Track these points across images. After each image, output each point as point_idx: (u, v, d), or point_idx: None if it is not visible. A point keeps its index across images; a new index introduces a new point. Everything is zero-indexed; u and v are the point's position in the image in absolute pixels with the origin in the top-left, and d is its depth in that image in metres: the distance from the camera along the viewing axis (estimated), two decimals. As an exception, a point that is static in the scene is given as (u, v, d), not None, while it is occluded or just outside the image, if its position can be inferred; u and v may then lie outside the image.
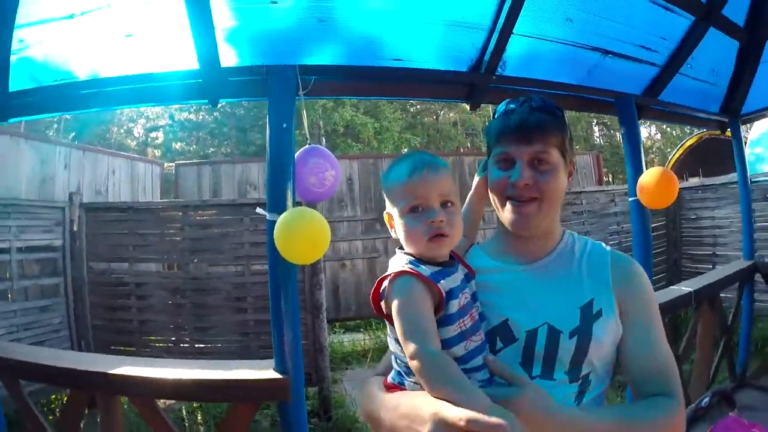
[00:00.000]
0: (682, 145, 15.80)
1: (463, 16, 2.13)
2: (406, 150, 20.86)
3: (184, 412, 4.49)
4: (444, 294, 0.95)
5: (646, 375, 1.06)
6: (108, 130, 19.89)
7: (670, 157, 16.70)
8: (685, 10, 2.60)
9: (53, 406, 4.39)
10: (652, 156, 25.94)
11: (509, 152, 1.09)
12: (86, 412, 2.39)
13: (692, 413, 2.19)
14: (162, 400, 3.12)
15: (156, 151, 20.97)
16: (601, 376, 1.09)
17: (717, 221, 7.10)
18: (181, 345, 4.99)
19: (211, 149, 20.11)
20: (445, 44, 2.22)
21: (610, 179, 22.74)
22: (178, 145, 20.54)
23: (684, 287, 3.35)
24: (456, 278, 1.02)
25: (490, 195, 1.17)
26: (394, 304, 0.95)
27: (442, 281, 0.97)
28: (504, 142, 1.10)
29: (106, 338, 5.08)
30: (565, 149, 1.12)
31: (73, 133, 17.21)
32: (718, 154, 10.95)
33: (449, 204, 1.03)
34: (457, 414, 0.80)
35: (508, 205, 1.11)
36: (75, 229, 5.08)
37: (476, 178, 1.27)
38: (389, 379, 1.08)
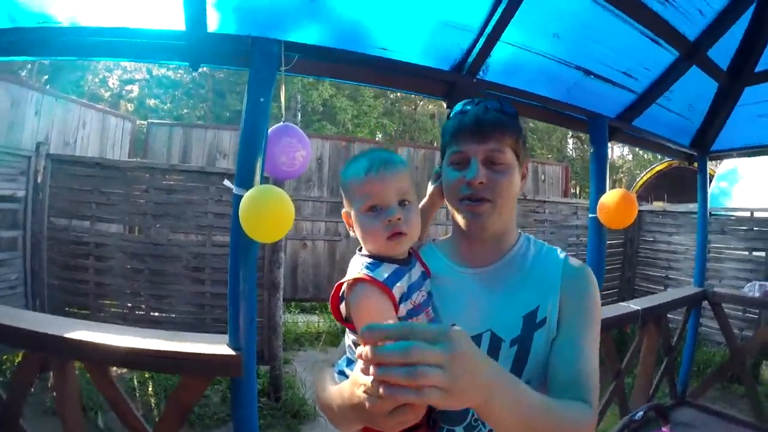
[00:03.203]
0: (651, 169, 16.19)
1: (455, 17, 2.15)
2: (381, 136, 20.78)
3: (135, 382, 4.44)
4: (396, 299, 0.98)
5: (568, 381, 1.03)
6: (83, 77, 19.23)
7: (638, 179, 17.12)
8: (672, 45, 2.66)
9: (4, 367, 4.31)
10: (621, 175, 26.47)
11: (464, 150, 1.10)
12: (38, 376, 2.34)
13: (626, 425, 2.27)
14: (113, 369, 3.09)
15: (129, 105, 20.44)
16: (543, 384, 1.09)
17: (673, 246, 7.40)
18: (137, 312, 4.92)
19: (186, 110, 19.62)
20: (432, 41, 2.23)
21: (578, 192, 23.15)
22: (152, 102, 20.04)
23: (633, 305, 3.48)
24: (412, 276, 1.04)
25: (446, 198, 1.19)
26: (354, 314, 0.97)
27: (397, 284, 0.99)
28: (459, 140, 1.11)
29: (61, 298, 4.98)
30: (519, 151, 1.14)
31: (46, 77, 16.61)
32: (685, 182, 11.29)
33: (407, 202, 1.04)
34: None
35: (463, 206, 1.12)
36: (39, 180, 4.92)
37: (430, 187, 1.30)
38: (336, 368, 1.10)
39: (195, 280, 4.92)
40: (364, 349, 0.69)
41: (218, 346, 1.93)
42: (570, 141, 26.31)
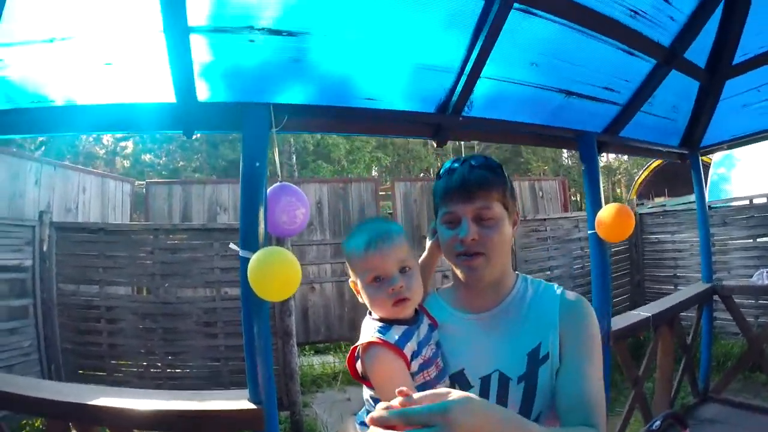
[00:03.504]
0: (648, 167, 16.28)
1: (434, 60, 2.20)
2: (376, 169, 20.91)
3: (156, 438, 4.43)
4: (408, 357, 1.05)
5: (573, 407, 1.10)
6: (77, 137, 19.42)
7: (636, 178, 17.17)
8: (648, 54, 2.70)
9: (24, 431, 4.31)
10: (619, 176, 26.53)
11: (454, 211, 1.18)
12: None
13: (644, 435, 2.29)
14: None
15: (125, 161, 20.62)
16: (553, 414, 1.15)
17: (677, 244, 7.39)
18: (152, 370, 4.96)
19: (181, 163, 19.87)
20: (414, 85, 2.29)
21: (578, 200, 23.20)
22: (147, 157, 20.24)
23: (643, 312, 3.49)
24: (421, 332, 1.11)
25: (444, 253, 1.26)
26: (371, 374, 1.05)
27: (407, 344, 1.06)
28: (448, 202, 1.19)
29: (76, 362, 5.03)
30: (506, 202, 1.21)
31: (41, 138, 16.77)
32: (683, 174, 11.30)
33: (407, 269, 1.13)
34: None
35: (459, 261, 1.19)
36: (45, 249, 5.01)
37: (428, 242, 1.37)
38: (357, 419, 1.17)
39: (208, 334, 4.98)
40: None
41: (239, 402, 1.95)
42: (564, 150, 26.45)
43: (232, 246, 1.93)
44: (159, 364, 4.99)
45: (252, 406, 1.91)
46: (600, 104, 2.92)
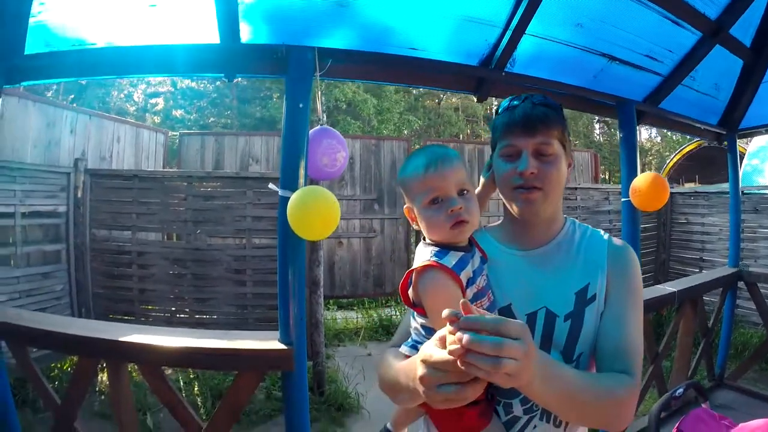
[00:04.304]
0: (680, 150, 15.87)
1: (480, 13, 2.19)
2: (406, 132, 20.77)
3: (181, 383, 4.57)
4: (464, 284, 1.05)
5: (612, 352, 1.12)
6: (108, 93, 19.57)
7: (668, 161, 16.79)
8: (694, 26, 2.64)
9: (53, 374, 4.44)
10: (651, 158, 25.96)
11: (515, 144, 1.17)
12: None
13: (666, 401, 2.32)
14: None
15: (155, 117, 20.75)
16: (590, 358, 1.18)
17: (706, 227, 7.24)
18: (180, 315, 5.10)
19: (211, 119, 19.92)
20: (459, 38, 2.27)
21: (607, 177, 22.82)
22: (178, 113, 20.34)
23: (668, 287, 3.46)
24: (474, 262, 1.11)
25: (499, 187, 1.25)
26: (425, 298, 1.05)
27: (463, 271, 1.06)
28: (510, 135, 1.18)
29: (106, 306, 5.19)
30: (564, 141, 1.21)
31: (72, 96, 16.96)
32: (715, 162, 11.05)
33: (465, 191, 1.12)
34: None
35: (516, 195, 1.18)
36: (79, 195, 5.13)
37: (482, 179, 1.38)
38: (406, 345, 1.18)
39: (236, 281, 5.08)
40: (463, 336, 0.77)
41: (269, 342, 1.98)
42: (597, 126, 25.97)
43: (271, 186, 1.96)
44: (187, 309, 5.13)
45: (282, 346, 1.95)
46: (642, 73, 2.86)
